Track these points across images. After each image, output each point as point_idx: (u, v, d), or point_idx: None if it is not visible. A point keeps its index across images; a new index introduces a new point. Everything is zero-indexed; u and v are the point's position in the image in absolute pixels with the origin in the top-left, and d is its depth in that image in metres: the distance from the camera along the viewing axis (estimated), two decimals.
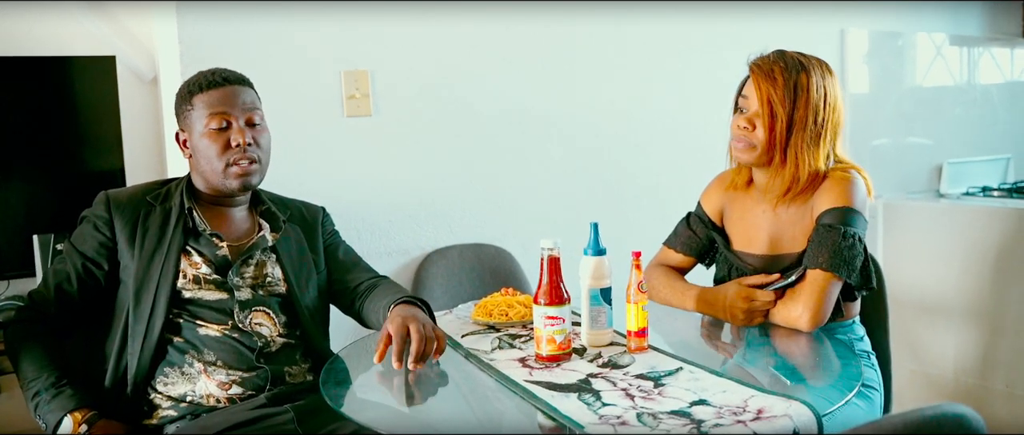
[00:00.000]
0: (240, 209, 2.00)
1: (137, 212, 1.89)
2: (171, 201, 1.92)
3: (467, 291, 2.83)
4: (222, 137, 1.88)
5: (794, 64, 1.95)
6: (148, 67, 2.87)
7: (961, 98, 4.20)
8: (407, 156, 2.83)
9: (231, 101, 1.89)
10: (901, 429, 1.14)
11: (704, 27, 3.31)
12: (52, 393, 1.77)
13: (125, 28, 2.83)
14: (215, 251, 1.90)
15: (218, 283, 1.88)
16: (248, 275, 1.92)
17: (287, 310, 1.95)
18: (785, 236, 2.01)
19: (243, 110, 1.90)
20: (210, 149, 1.88)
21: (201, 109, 1.88)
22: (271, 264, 1.96)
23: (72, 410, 1.75)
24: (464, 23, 2.87)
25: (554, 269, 1.71)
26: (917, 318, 3.54)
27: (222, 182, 1.90)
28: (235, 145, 1.87)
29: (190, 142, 1.92)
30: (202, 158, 1.89)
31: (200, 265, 1.88)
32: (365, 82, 2.73)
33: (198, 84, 1.90)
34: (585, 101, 3.13)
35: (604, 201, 3.17)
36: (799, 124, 1.93)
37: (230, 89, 1.90)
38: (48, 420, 1.76)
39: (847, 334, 2.02)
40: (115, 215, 1.88)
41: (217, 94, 1.88)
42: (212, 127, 1.87)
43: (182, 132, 1.93)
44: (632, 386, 1.57)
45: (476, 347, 1.87)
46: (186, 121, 1.91)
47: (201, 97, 1.88)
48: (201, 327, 1.86)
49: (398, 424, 1.56)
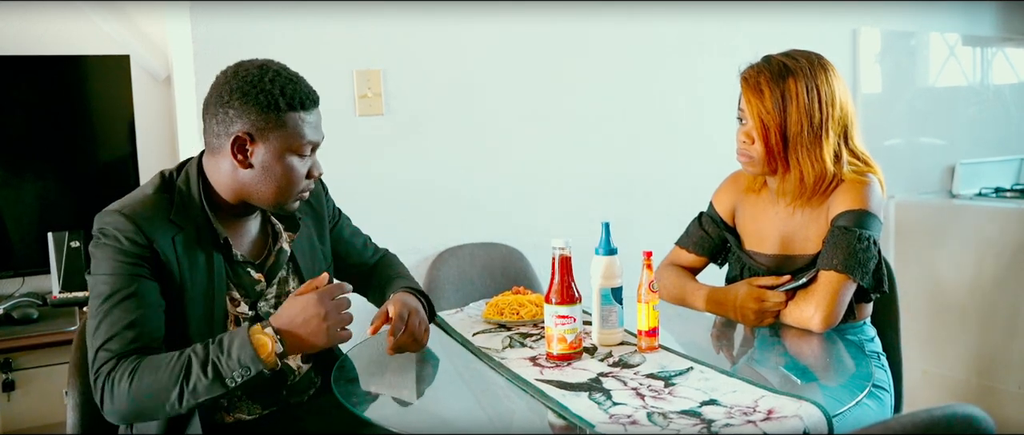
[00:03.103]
0: (254, 216, 1.80)
1: (169, 237, 1.62)
2: (193, 218, 1.67)
3: (478, 290, 2.84)
4: (307, 164, 1.69)
5: (779, 71, 1.93)
6: (162, 66, 2.89)
7: (974, 98, 4.18)
8: (419, 155, 2.84)
9: (319, 129, 1.71)
10: (911, 429, 1.14)
11: (717, 27, 3.31)
12: (217, 346, 1.51)
13: (139, 28, 2.85)
14: (254, 286, 1.74)
15: (252, 320, 1.71)
16: (271, 296, 1.78)
17: None
18: (798, 237, 2.00)
19: (321, 141, 1.73)
20: (292, 174, 1.66)
21: (296, 128, 1.63)
22: (291, 279, 1.83)
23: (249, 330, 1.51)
24: (476, 23, 2.88)
25: (565, 268, 1.72)
26: (929, 319, 3.53)
27: (281, 204, 1.70)
28: (319, 174, 1.73)
29: (260, 155, 1.63)
30: (272, 178, 1.65)
31: (239, 302, 1.72)
32: (377, 81, 2.74)
33: (297, 98, 1.63)
34: (597, 101, 3.13)
35: (616, 201, 3.17)
36: (794, 130, 1.91)
37: (318, 114, 1.70)
38: (243, 357, 1.49)
39: (858, 335, 2.02)
40: (154, 241, 1.60)
41: (314, 117, 1.68)
42: (306, 154, 1.68)
43: (250, 139, 1.62)
44: (643, 385, 1.57)
45: (487, 346, 1.87)
46: (266, 133, 1.62)
47: (297, 117, 1.63)
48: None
49: (410, 422, 1.56)
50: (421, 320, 1.78)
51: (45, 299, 2.62)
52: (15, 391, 2.46)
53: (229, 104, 1.61)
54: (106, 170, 2.78)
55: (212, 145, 1.67)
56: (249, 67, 1.65)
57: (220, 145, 1.65)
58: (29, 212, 2.66)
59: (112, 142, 2.78)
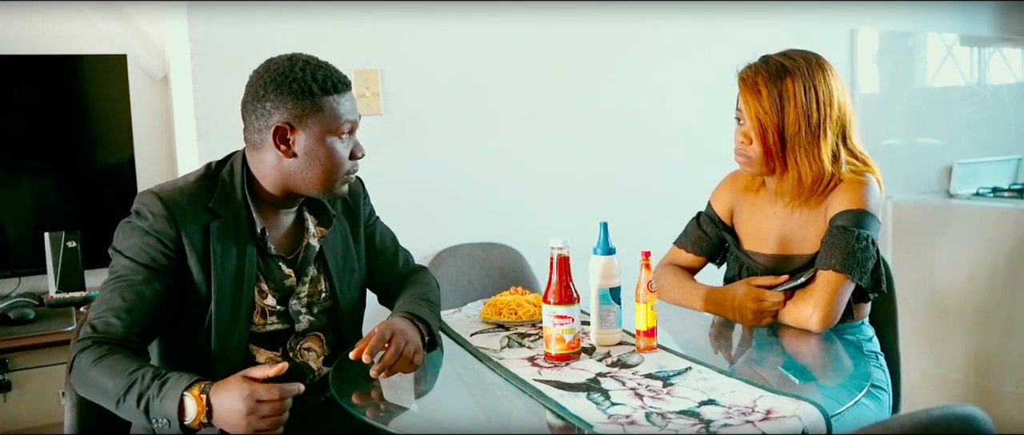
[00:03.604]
0: (292, 209, 1.83)
1: (203, 225, 1.68)
2: (233, 208, 1.72)
3: (476, 290, 2.84)
4: (349, 146, 1.74)
5: (777, 71, 1.93)
6: (159, 66, 2.88)
7: (972, 98, 4.18)
8: (416, 155, 2.84)
9: (355, 108, 1.76)
10: (909, 429, 1.14)
11: (715, 27, 3.31)
12: (158, 385, 1.52)
13: (136, 27, 2.85)
14: (283, 280, 1.78)
15: (280, 314, 1.77)
16: (303, 296, 1.81)
17: (333, 326, 1.88)
18: (796, 237, 2.00)
19: (358, 120, 1.79)
20: (335, 155, 1.70)
21: (333, 111, 1.68)
22: (321, 278, 1.84)
23: (188, 387, 1.51)
24: (474, 23, 2.88)
25: (563, 268, 1.71)
26: (927, 319, 3.53)
27: (328, 189, 1.74)
28: (361, 155, 1.77)
29: (303, 142, 1.68)
30: (318, 163, 1.69)
31: (267, 295, 1.76)
32: (375, 81, 2.73)
33: (331, 85, 1.69)
34: (595, 100, 3.13)
35: (614, 201, 3.17)
36: (791, 131, 1.91)
37: (352, 96, 1.76)
38: (168, 410, 1.50)
39: (856, 334, 2.02)
40: (182, 230, 1.66)
41: (348, 100, 1.73)
42: (346, 132, 1.72)
43: (290, 128, 1.67)
44: (641, 385, 1.57)
45: (485, 346, 1.87)
46: (304, 119, 1.67)
47: (332, 100, 1.69)
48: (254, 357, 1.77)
49: (407, 423, 1.56)
50: (408, 341, 1.69)
51: (42, 299, 2.61)
52: (11, 392, 2.45)
53: (265, 98, 1.67)
54: (103, 170, 2.77)
55: (254, 141, 1.72)
56: (279, 61, 1.71)
57: (262, 139, 1.70)
58: (26, 212, 2.66)
59: (109, 142, 2.77)
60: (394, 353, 1.64)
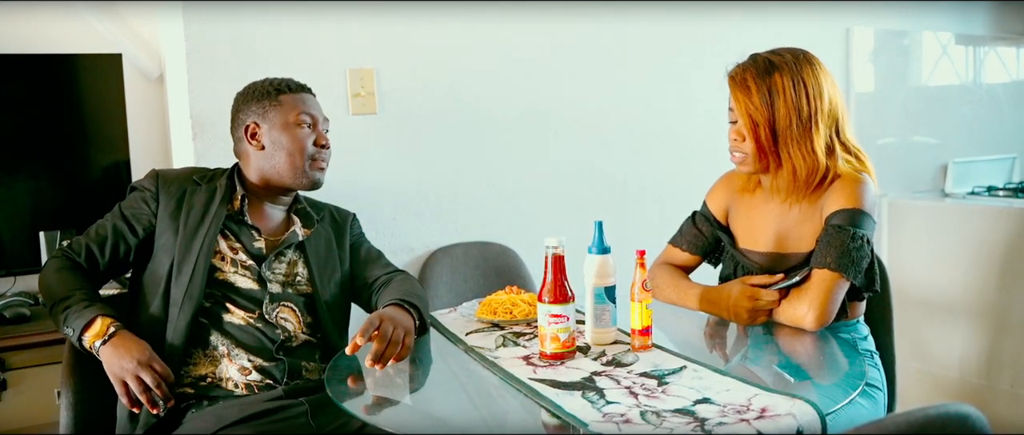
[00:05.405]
0: (280, 207, 2.08)
1: (183, 189, 1.99)
2: (216, 183, 2.01)
3: (472, 289, 2.84)
4: (309, 134, 2.01)
5: (765, 67, 1.94)
6: (154, 65, 2.88)
7: (967, 97, 4.19)
8: (412, 154, 2.84)
9: (316, 108, 2.06)
10: (905, 428, 1.14)
11: (709, 26, 3.31)
12: (84, 304, 1.81)
13: (131, 27, 2.84)
14: (253, 243, 1.99)
15: (252, 271, 1.96)
16: (279, 271, 2.00)
17: (311, 311, 2.02)
18: (792, 235, 2.01)
19: (323, 120, 2.07)
20: (297, 142, 1.99)
21: (291, 106, 2.00)
22: (301, 264, 2.03)
23: (103, 314, 1.79)
24: (470, 22, 2.88)
25: (558, 267, 1.72)
26: (922, 317, 3.53)
27: (300, 174, 2.00)
28: (322, 144, 2.03)
29: (268, 134, 1.99)
30: (282, 150, 1.98)
31: (238, 250, 1.96)
32: (370, 80, 2.73)
33: (286, 85, 2.03)
34: (590, 100, 3.13)
35: (609, 200, 3.17)
36: (783, 125, 1.92)
37: (313, 99, 2.07)
38: (75, 325, 1.78)
39: (851, 333, 2.02)
40: (162, 190, 1.97)
41: (307, 98, 2.05)
42: (304, 121, 2.01)
43: (257, 125, 2.00)
44: (636, 384, 1.57)
45: (480, 345, 1.87)
46: (266, 115, 2.00)
47: (290, 97, 2.02)
48: (229, 313, 1.92)
49: (403, 421, 1.56)
50: (397, 326, 1.77)
51: (37, 298, 2.61)
52: (7, 391, 2.45)
53: (240, 111, 2.03)
54: (98, 170, 2.77)
55: (238, 149, 2.05)
56: (251, 82, 2.07)
57: (240, 141, 2.04)
58: (21, 211, 2.65)
59: (104, 142, 2.77)
60: (383, 336, 1.73)
